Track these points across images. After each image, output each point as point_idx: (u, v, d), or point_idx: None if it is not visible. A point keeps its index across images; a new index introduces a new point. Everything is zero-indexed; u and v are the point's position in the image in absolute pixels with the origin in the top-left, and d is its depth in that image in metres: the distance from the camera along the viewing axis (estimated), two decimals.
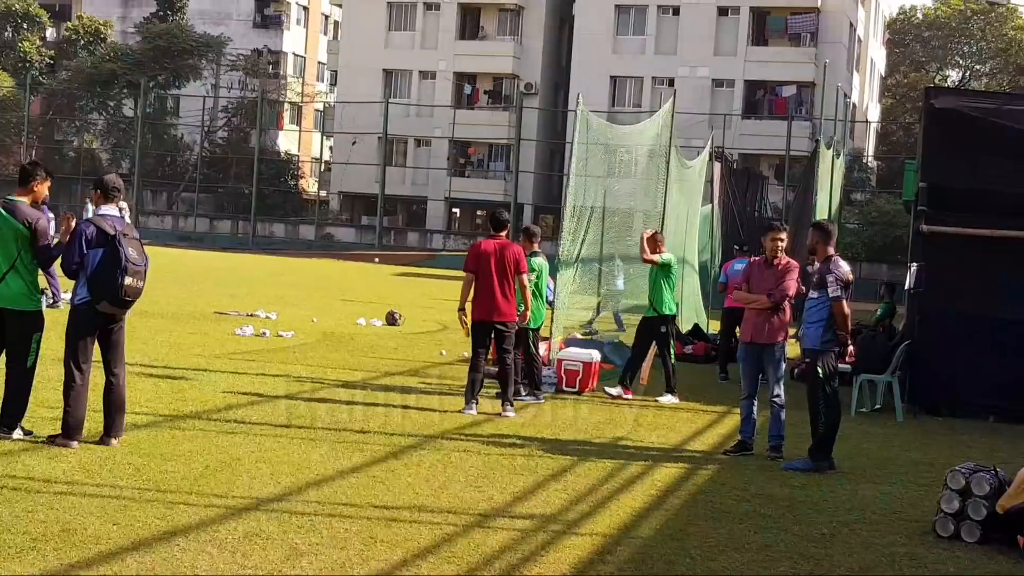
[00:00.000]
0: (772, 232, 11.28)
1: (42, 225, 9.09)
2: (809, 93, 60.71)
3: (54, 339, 9.76)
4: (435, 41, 66.40)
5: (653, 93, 61.00)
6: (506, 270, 12.15)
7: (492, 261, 12.15)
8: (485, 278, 12.15)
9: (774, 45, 62.10)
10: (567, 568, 6.74)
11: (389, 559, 6.66)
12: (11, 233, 8.97)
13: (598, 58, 62.32)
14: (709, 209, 26.13)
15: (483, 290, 12.17)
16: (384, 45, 67.19)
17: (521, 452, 10.19)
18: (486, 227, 13.95)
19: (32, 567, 5.98)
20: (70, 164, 70.04)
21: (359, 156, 63.97)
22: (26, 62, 72.07)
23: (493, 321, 12.19)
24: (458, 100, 66.34)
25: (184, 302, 22.47)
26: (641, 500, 8.67)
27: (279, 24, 78.59)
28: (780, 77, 61.37)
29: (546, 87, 65.81)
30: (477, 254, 12.33)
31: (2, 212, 9.02)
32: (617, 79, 63.36)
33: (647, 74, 62.60)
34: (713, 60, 61.44)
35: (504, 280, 12.15)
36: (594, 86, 58.12)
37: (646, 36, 63.03)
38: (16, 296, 9.00)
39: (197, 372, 13.47)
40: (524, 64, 65.29)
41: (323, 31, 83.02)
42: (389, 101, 62.32)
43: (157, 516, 7.12)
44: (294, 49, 79.81)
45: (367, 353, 16.91)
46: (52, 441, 8.88)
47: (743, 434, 11.00)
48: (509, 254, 12.22)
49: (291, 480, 8.40)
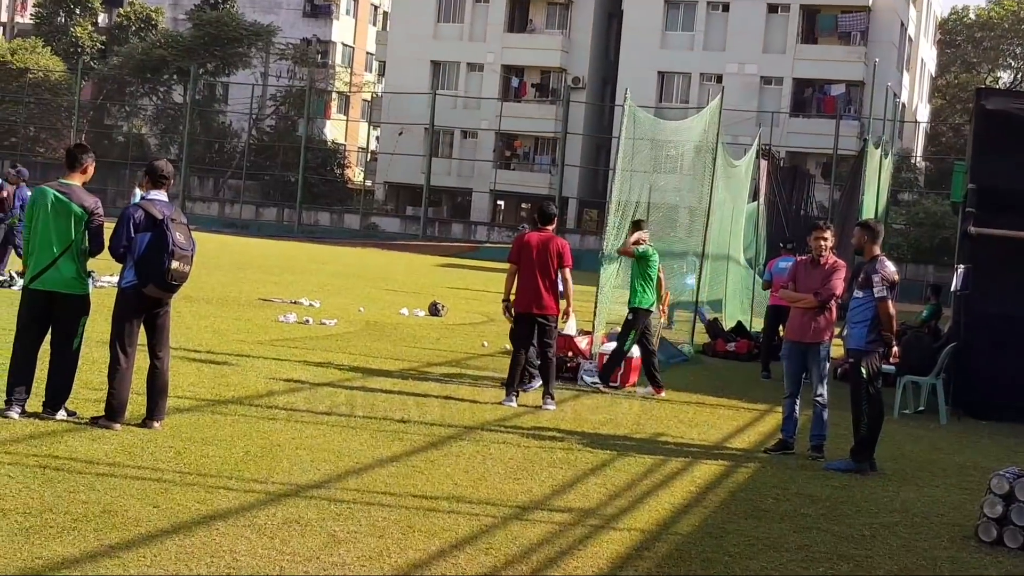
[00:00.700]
0: (816, 231, 11.19)
1: (101, 212, 9.19)
2: (858, 92, 60.26)
3: (100, 322, 9.85)
4: (483, 33, 66.36)
5: (701, 89, 60.75)
6: (548, 263, 12.11)
7: (534, 254, 12.16)
8: (527, 270, 12.16)
9: (824, 43, 61.61)
10: (605, 563, 6.72)
11: (427, 548, 6.66)
12: (68, 217, 9.05)
13: (646, 53, 62.08)
14: (755, 206, 26.00)
15: (524, 282, 12.20)
16: (432, 36, 67.25)
17: (560, 445, 10.18)
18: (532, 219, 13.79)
19: (72, 547, 6.03)
20: (119, 149, 70.70)
21: (405, 147, 64.12)
22: (78, 47, 72.82)
23: (534, 313, 12.19)
24: (505, 93, 66.30)
25: (229, 288, 22.62)
26: (680, 496, 8.63)
27: (328, 14, 78.85)
28: (829, 75, 60.89)
29: (593, 81, 65.64)
30: (520, 246, 12.33)
31: (60, 196, 9.10)
32: (665, 74, 63.12)
33: (695, 70, 62.32)
34: (762, 57, 61.04)
35: (545, 273, 12.12)
36: (642, 81, 57.94)
37: (695, 32, 62.71)
38: (67, 280, 9.09)
39: (240, 358, 13.55)
40: (572, 58, 65.14)
41: (372, 21, 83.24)
42: (436, 92, 62.45)
43: (197, 500, 7.16)
44: (343, 39, 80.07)
45: (409, 343, 16.94)
46: (95, 423, 8.96)
47: (784, 433, 10.93)
48: (552, 247, 12.18)
49: (331, 467, 8.42)
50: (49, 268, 9.05)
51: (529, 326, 12.28)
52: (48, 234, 9.06)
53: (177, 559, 6.01)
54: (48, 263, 9.04)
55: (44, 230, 9.08)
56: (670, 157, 20.38)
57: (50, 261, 9.03)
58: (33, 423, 8.84)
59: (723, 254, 22.70)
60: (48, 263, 9.04)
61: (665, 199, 20.21)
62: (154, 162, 9.42)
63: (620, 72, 62.77)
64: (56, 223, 9.06)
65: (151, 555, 6.03)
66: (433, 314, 21.53)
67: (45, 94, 70.93)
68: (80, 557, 5.88)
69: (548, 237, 12.29)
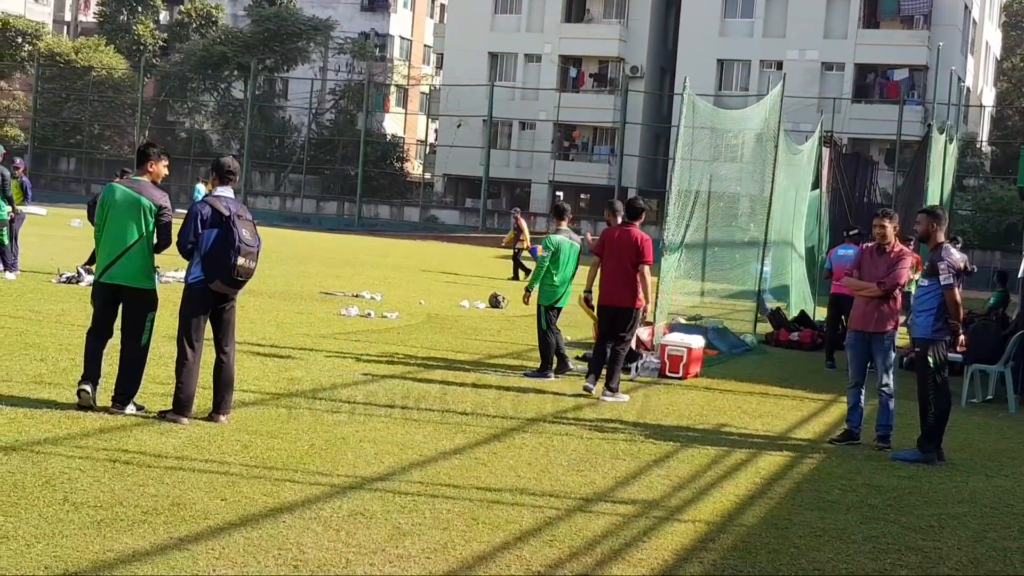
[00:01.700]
0: (877, 219, 11.07)
1: (168, 204, 9.31)
2: (921, 77, 59.39)
3: (166, 317, 9.97)
4: (541, 24, 66.22)
5: (761, 77, 60.16)
6: (629, 257, 12.27)
7: (615, 247, 12.37)
8: (606, 264, 12.43)
9: (886, 28, 60.79)
10: (669, 554, 6.70)
11: (491, 541, 6.68)
12: (138, 212, 9.21)
13: (705, 41, 61.64)
14: (817, 194, 25.76)
15: (604, 275, 12.47)
16: (490, 28, 67.25)
17: (623, 437, 10.16)
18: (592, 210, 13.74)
19: (143, 540, 6.12)
20: (181, 145, 71.49)
21: (464, 139, 64.22)
22: (140, 45, 73.71)
23: (611, 305, 12.35)
24: (563, 83, 66.15)
25: (291, 282, 22.81)
26: (745, 488, 8.58)
27: (386, 7, 79.17)
28: (892, 60, 60.05)
29: (652, 70, 65.30)
30: (603, 240, 12.67)
31: (130, 191, 9.26)
32: (724, 62, 62.60)
33: (755, 57, 61.74)
34: (823, 43, 60.34)
35: (626, 267, 12.29)
36: (701, 69, 57.52)
37: (754, 19, 62.11)
38: (135, 274, 9.24)
39: (303, 351, 13.66)
40: (630, 47, 64.84)
41: (429, 14, 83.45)
42: (494, 84, 62.46)
43: (264, 493, 7.23)
44: (401, 32, 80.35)
45: (470, 335, 16.99)
46: (163, 417, 9.07)
47: (850, 423, 10.83)
48: (634, 242, 12.33)
49: (394, 460, 8.47)
50: (118, 261, 9.21)
51: (609, 318, 12.41)
52: (117, 229, 9.24)
53: (245, 552, 6.07)
54: (117, 256, 9.20)
55: (113, 225, 9.27)
56: (730, 146, 20.26)
57: (119, 255, 9.19)
58: (102, 417, 8.97)
59: (786, 242, 22.52)
60: (117, 256, 9.20)
61: (726, 188, 20.11)
62: (220, 159, 9.53)
63: (679, 60, 62.38)
64: (125, 218, 9.23)
65: (220, 548, 6.10)
66: (494, 306, 21.56)
67: (109, 92, 71.89)
68: (150, 550, 5.96)
69: (631, 232, 12.49)
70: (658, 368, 14.24)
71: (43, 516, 6.35)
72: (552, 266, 13.50)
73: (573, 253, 13.77)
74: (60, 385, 10.04)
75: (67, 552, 5.81)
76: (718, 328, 18.07)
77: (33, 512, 6.41)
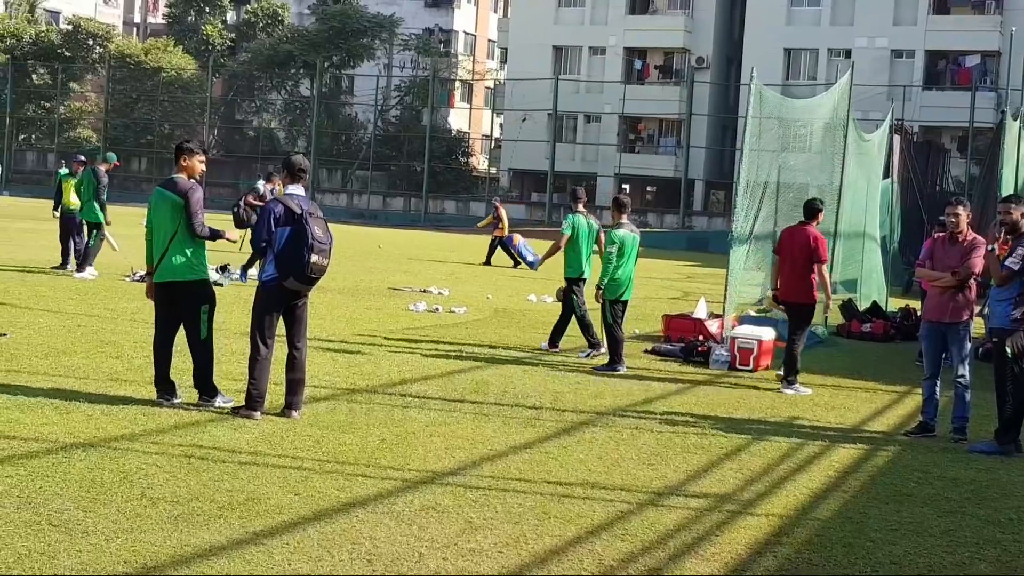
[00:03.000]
0: (950, 207, 10.88)
1: (195, 196, 9.44)
2: (994, 62, 58.38)
3: (238, 313, 10.08)
4: (605, 16, 65.99)
5: (829, 65, 59.44)
6: (803, 256, 12.84)
7: (792, 247, 12.98)
8: (783, 262, 13.10)
9: (956, 13, 59.82)
10: (743, 549, 6.64)
11: (563, 535, 6.67)
12: (169, 207, 9.43)
13: (772, 30, 61.05)
14: (888, 183, 25.42)
15: (784, 273, 13.08)
16: (554, 21, 67.14)
17: (694, 430, 10.10)
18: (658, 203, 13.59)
19: (219, 534, 6.19)
20: (250, 143, 72.28)
21: (529, 133, 64.16)
22: (208, 45, 74.57)
23: (789, 301, 13.01)
24: (628, 75, 65.85)
25: (359, 278, 22.95)
26: (818, 481, 8.49)
27: (450, 3, 79.36)
28: (963, 46, 59.08)
29: (718, 61, 64.85)
30: (781, 238, 13.43)
31: (162, 190, 9.54)
32: (791, 51, 61.98)
33: (823, 46, 61.03)
34: (892, 30, 59.52)
35: (800, 265, 12.87)
36: (767, 59, 57.02)
37: (821, 7, 61.41)
38: (178, 268, 9.42)
39: (372, 347, 13.74)
40: (695, 38, 64.43)
41: (493, 9, 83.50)
42: (559, 78, 62.36)
43: (336, 487, 7.28)
44: (465, 27, 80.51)
45: (538, 329, 16.96)
46: (236, 413, 9.18)
47: (925, 415, 10.67)
48: (807, 241, 12.89)
49: (465, 454, 8.49)
50: (162, 259, 9.44)
51: (794, 313, 13.05)
52: (158, 228, 9.52)
53: (319, 546, 6.12)
54: (160, 255, 9.44)
55: (154, 225, 9.56)
56: (799, 136, 20.03)
57: (161, 252, 9.42)
58: (177, 413, 9.10)
59: (856, 233, 22.24)
60: (160, 255, 9.44)
61: (794, 178, 19.88)
62: (291, 157, 9.63)
63: (745, 50, 61.84)
64: (162, 217, 9.49)
65: (294, 542, 6.15)
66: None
67: (178, 92, 72.80)
68: (226, 544, 6.03)
69: (806, 231, 13.04)
70: (728, 361, 14.13)
71: (121, 511, 6.45)
72: (616, 260, 13.47)
73: (635, 246, 13.73)
74: (135, 382, 10.20)
75: (145, 547, 5.89)
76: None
77: (112, 507, 6.51)
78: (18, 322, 13.42)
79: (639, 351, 15.02)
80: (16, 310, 14.52)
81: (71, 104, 77.38)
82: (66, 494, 6.70)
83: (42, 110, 76.52)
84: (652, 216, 61.33)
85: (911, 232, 29.55)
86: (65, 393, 9.48)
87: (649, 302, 21.72)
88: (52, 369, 10.64)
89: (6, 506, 6.38)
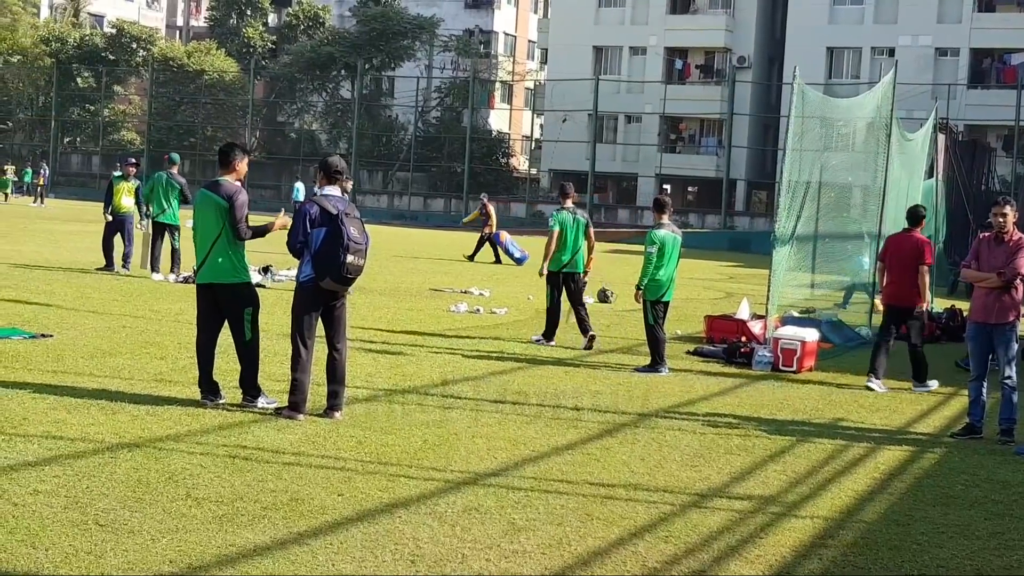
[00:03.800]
0: (996, 206, 10.77)
1: (239, 199, 9.49)
2: None
3: (279, 315, 10.13)
4: (645, 16, 65.83)
5: (872, 64, 59.10)
6: (909, 260, 13.17)
7: (899, 251, 13.34)
8: (890, 268, 13.44)
9: (1002, 11, 59.16)
10: (787, 551, 6.60)
11: (606, 536, 6.65)
12: (213, 209, 9.49)
13: (814, 29, 60.67)
14: (932, 183, 25.19)
15: (890, 277, 13.42)
16: (594, 22, 67.07)
17: (737, 432, 10.04)
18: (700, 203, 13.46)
19: (264, 535, 6.21)
20: (291, 145, 72.66)
21: (569, 133, 64.12)
22: (250, 47, 75.09)
23: (897, 305, 13.35)
24: (669, 75, 65.68)
25: (400, 279, 23.01)
26: (864, 483, 8.42)
27: (490, 4, 79.42)
28: (1009, 44, 58.39)
29: (759, 60, 64.52)
30: (887, 245, 13.90)
31: (207, 192, 9.59)
32: (834, 50, 61.56)
33: (865, 44, 60.59)
34: (936, 28, 58.98)
35: (906, 269, 13.18)
36: (810, 58, 56.66)
37: (864, 5, 60.96)
38: (221, 270, 9.48)
39: (413, 348, 13.77)
40: (737, 37, 64.14)
41: (533, 9, 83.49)
42: (599, 78, 62.29)
43: (379, 488, 7.30)
44: (505, 28, 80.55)
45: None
46: (279, 413, 9.22)
47: (971, 417, 10.56)
48: (913, 246, 13.26)
49: (507, 455, 8.48)
50: (205, 261, 9.49)
51: (894, 317, 13.42)
52: (201, 230, 9.59)
53: (363, 546, 6.13)
54: (203, 257, 9.50)
55: (198, 227, 9.62)
56: (841, 135, 19.91)
57: (205, 254, 9.48)
58: (221, 414, 9.16)
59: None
60: (203, 257, 9.50)
61: (837, 178, 19.77)
62: (327, 158, 9.64)
63: (787, 49, 61.52)
64: (205, 218, 9.55)
65: (338, 543, 6.17)
66: (602, 301, 21.48)
67: (220, 94, 73.34)
68: (271, 545, 6.05)
69: (907, 237, 13.47)
70: (771, 362, 14.05)
71: (167, 511, 6.49)
72: (656, 260, 13.41)
73: (676, 247, 13.65)
74: (180, 383, 10.27)
75: (191, 547, 5.93)
76: (832, 321, 17.78)
77: (157, 507, 6.55)
78: (64, 323, 13.56)
79: (681, 352, 14.96)
80: (62, 311, 14.66)
81: (115, 107, 78.21)
82: (112, 494, 6.75)
83: (86, 113, 77.35)
84: (693, 216, 61.09)
85: (957, 232, 29.27)
86: (111, 394, 9.56)
87: (691, 303, 21.64)
88: (98, 370, 10.74)
89: (53, 506, 6.44)
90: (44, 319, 13.79)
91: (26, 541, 5.83)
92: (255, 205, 10.76)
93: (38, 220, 38.03)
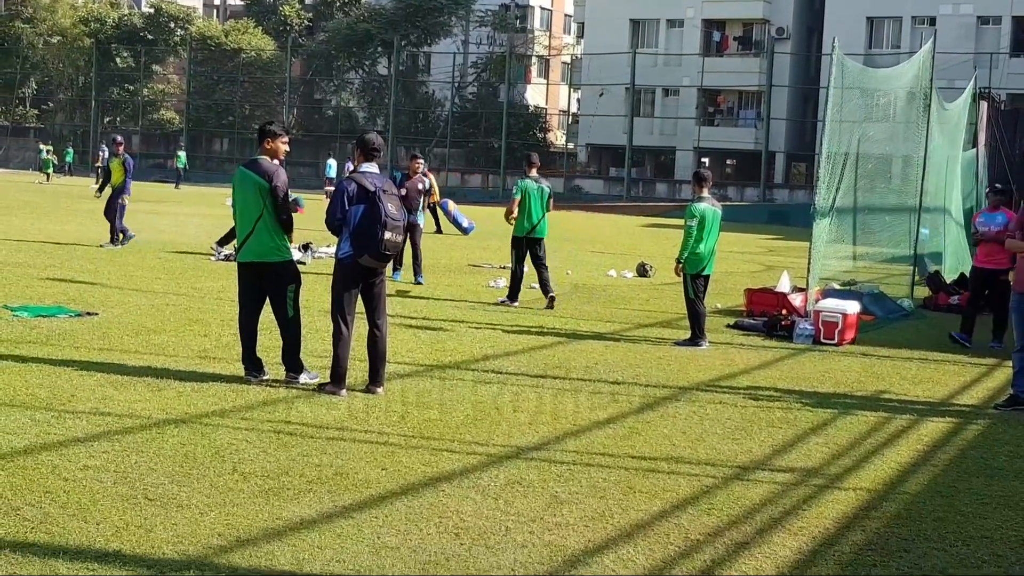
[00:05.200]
0: None
1: (280, 180, 9.54)
2: None
3: (320, 292, 10.20)
4: None
5: (912, 33, 58.44)
6: None
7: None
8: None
9: None
10: (831, 523, 6.60)
11: (648, 509, 6.68)
12: (254, 188, 9.53)
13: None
14: (973, 154, 24.95)
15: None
16: None
17: (779, 405, 10.03)
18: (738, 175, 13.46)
19: (310, 508, 6.28)
20: (328, 123, 72.84)
21: (606, 107, 63.91)
22: (287, 25, 75.26)
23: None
24: (707, 48, 65.27)
25: (439, 255, 23.07)
26: (907, 455, 8.39)
27: None
28: None
29: (798, 31, 63.95)
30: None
31: (245, 170, 9.60)
32: (874, 20, 60.92)
33: (906, 13, 59.90)
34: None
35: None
36: (849, 28, 56.16)
37: None
38: (264, 249, 9.53)
39: (454, 323, 13.82)
40: (775, 8, 63.59)
41: None
42: (636, 51, 61.99)
43: (422, 462, 7.35)
44: (541, 2, 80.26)
45: (619, 304, 16.96)
46: (322, 389, 9.30)
47: (1016, 388, 10.49)
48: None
49: (549, 429, 8.52)
50: (248, 240, 9.55)
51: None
52: (243, 209, 9.63)
53: (407, 519, 6.19)
54: (246, 235, 9.55)
55: (239, 205, 9.68)
56: (880, 106, 19.72)
57: (247, 233, 9.52)
58: (265, 390, 9.24)
59: (941, 205, 21.87)
60: (246, 235, 9.55)
61: (876, 149, 19.61)
62: (364, 135, 9.67)
63: (826, 20, 60.92)
64: (247, 198, 9.59)
65: (383, 516, 6.23)
66: (641, 275, 21.47)
67: (258, 73, 73.63)
68: (317, 518, 6.12)
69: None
70: (812, 335, 14.00)
71: (214, 486, 6.58)
72: (697, 234, 13.35)
73: (716, 220, 13.57)
74: (224, 359, 10.38)
75: (239, 520, 6.00)
76: (874, 293, 17.67)
77: (205, 482, 6.64)
78: (108, 301, 13.71)
79: (721, 326, 14.94)
80: (106, 289, 14.83)
81: (153, 86, 78.66)
82: (160, 469, 6.85)
83: (126, 93, 77.89)
84: (732, 189, 60.79)
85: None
86: (156, 371, 9.68)
87: (731, 276, 21.58)
88: (143, 347, 10.86)
89: (103, 480, 6.54)
90: (89, 297, 13.96)
91: (78, 515, 5.93)
92: (292, 183, 10.80)
93: (80, 200, 38.34)
